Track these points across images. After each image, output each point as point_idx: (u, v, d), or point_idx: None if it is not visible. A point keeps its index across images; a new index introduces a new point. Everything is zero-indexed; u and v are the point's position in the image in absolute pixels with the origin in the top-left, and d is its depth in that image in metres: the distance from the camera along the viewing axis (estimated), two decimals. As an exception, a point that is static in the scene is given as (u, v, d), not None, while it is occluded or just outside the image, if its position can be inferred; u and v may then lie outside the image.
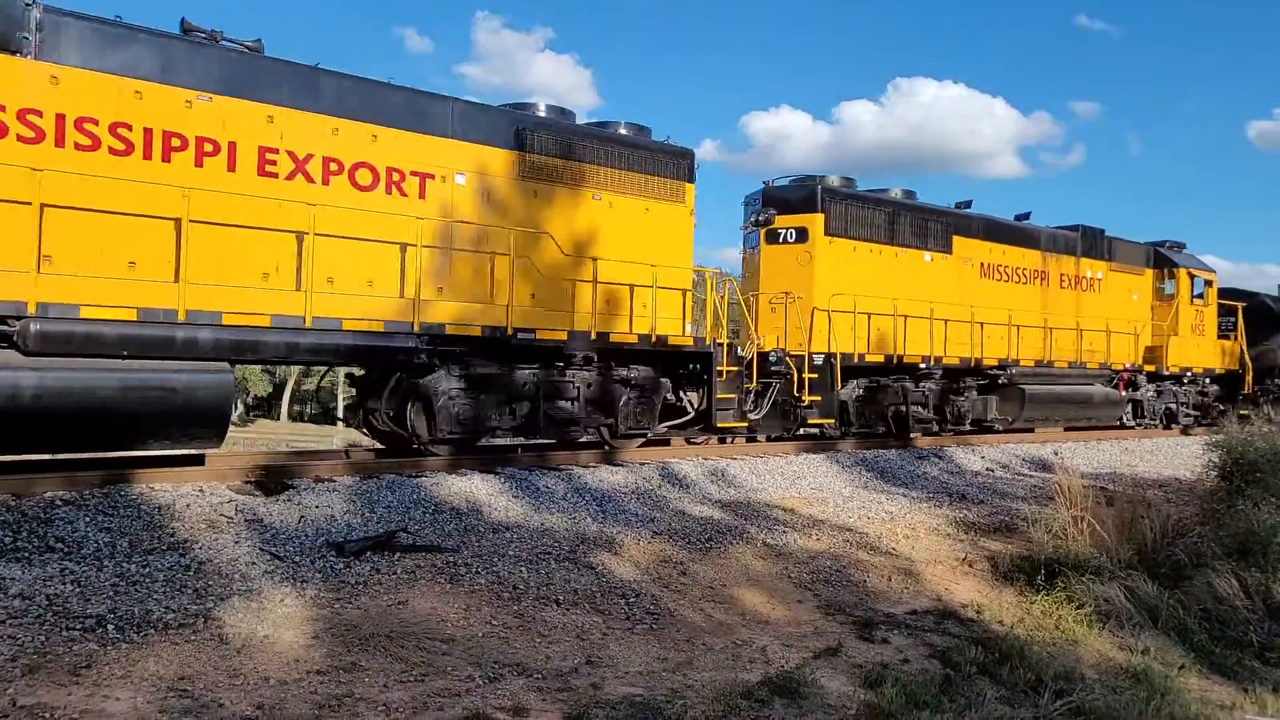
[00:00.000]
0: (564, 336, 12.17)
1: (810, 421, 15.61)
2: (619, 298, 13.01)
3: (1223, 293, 25.55)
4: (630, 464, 12.41)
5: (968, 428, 18.14)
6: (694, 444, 14.39)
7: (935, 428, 17.57)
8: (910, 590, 9.56)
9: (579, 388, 12.30)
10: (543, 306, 12.16)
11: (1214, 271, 24.47)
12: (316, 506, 9.16)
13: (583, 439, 13.06)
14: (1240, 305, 25.23)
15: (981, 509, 12.78)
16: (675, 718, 5.95)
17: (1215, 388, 24.07)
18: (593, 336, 12.38)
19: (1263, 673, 9.24)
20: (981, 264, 18.84)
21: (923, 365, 16.91)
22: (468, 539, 8.92)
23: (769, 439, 15.52)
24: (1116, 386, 21.26)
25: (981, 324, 18.16)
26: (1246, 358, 24.66)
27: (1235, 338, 24.70)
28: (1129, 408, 22.03)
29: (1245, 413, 23.25)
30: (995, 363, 18.29)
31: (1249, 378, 24.74)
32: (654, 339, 12.98)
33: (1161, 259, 23.27)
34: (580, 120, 13.54)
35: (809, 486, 12.68)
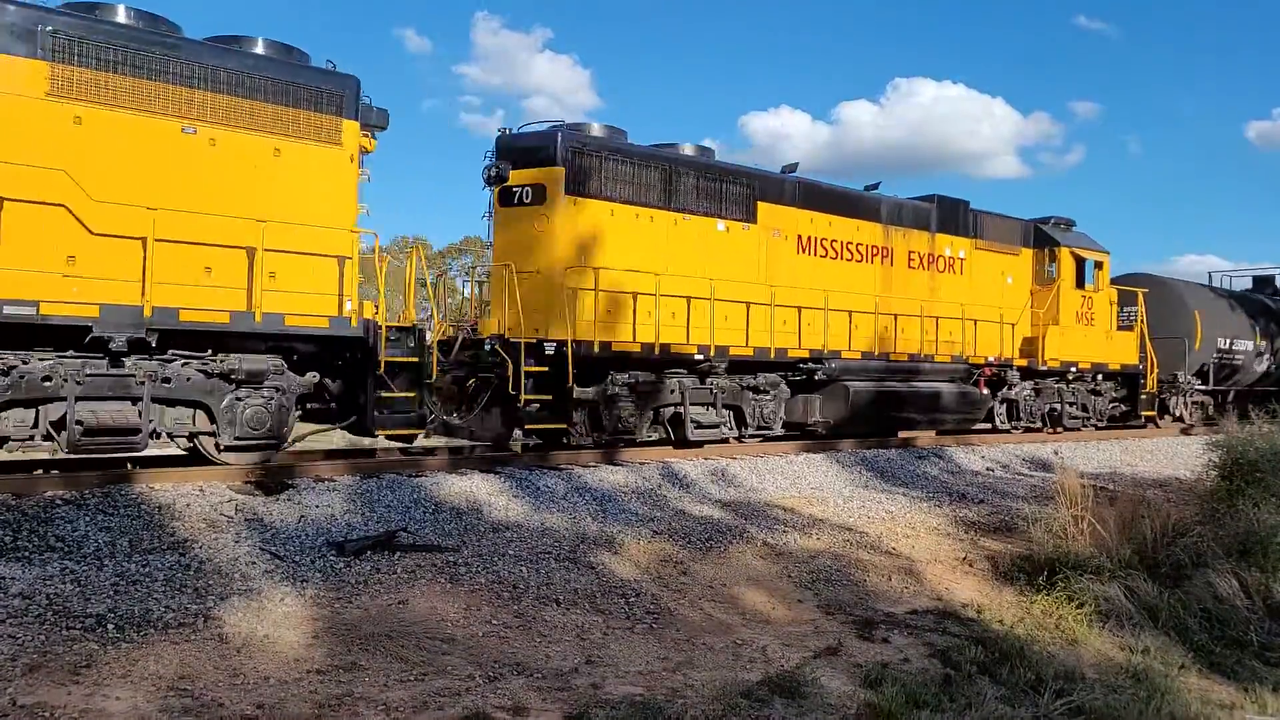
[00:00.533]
0: (94, 313, 9.13)
1: (529, 427, 12.67)
2: (222, 264, 9.93)
3: (1127, 278, 23.03)
4: (630, 464, 12.41)
5: (777, 432, 15.07)
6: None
7: (736, 432, 14.55)
8: (910, 590, 9.56)
9: (143, 383, 9.45)
10: (91, 274, 9.20)
11: (1106, 252, 20.99)
12: (316, 506, 9.16)
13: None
14: (1141, 292, 21.91)
15: (981, 508, 12.78)
16: (675, 717, 5.95)
17: (1109, 385, 21.01)
18: (147, 314, 9.33)
19: (1263, 672, 9.24)
20: (800, 237, 15.58)
21: (699, 357, 13.79)
22: (468, 538, 8.92)
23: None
24: (977, 384, 17.91)
25: (799, 308, 15.23)
26: (1151, 351, 21.54)
27: (1137, 329, 21.51)
28: (1004, 409, 19.04)
29: (1149, 414, 21.56)
30: (807, 354, 15.23)
31: (1153, 375, 21.64)
32: (258, 318, 9.94)
33: (1042, 237, 19.99)
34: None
35: (809, 486, 12.67)
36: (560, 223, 13.00)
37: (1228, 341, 24.13)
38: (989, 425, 18.90)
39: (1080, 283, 20.14)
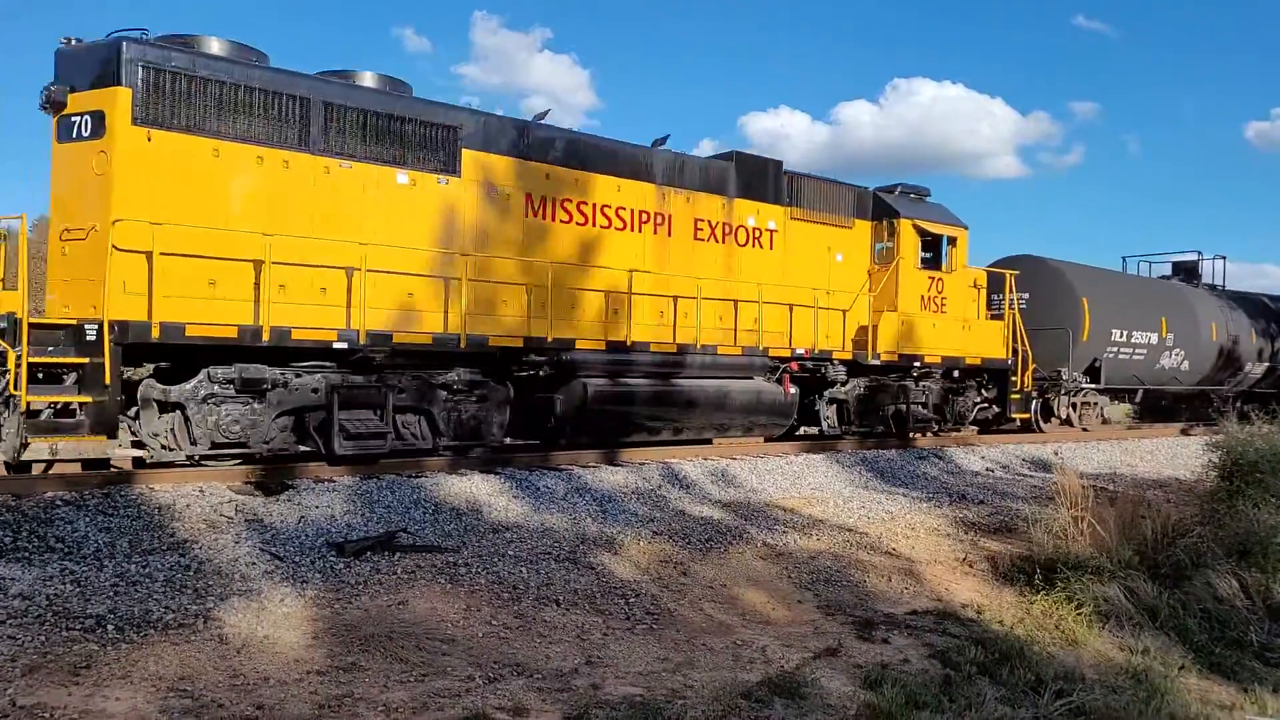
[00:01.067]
0: None
1: (36, 441, 8.92)
2: None
3: (1009, 260, 20.23)
4: (631, 464, 12.41)
5: (493, 441, 12.01)
6: None
7: (429, 442, 11.43)
8: (910, 590, 9.57)
9: None
10: None
11: (964, 227, 17.45)
12: (316, 507, 9.16)
13: None
14: (1010, 273, 18.67)
15: (981, 509, 12.78)
16: (675, 718, 5.95)
17: (971, 382, 17.82)
18: None
19: (1263, 673, 9.25)
20: (530, 196, 12.45)
21: (341, 345, 10.57)
22: (468, 539, 8.92)
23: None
24: (781, 381, 14.60)
25: (528, 286, 12.16)
26: (1025, 343, 18.27)
27: (1006, 317, 18.28)
28: (832, 410, 15.80)
29: (1022, 416, 18.74)
30: (521, 343, 12.01)
31: (1028, 371, 18.34)
32: None
33: (882, 208, 16.57)
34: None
35: (809, 486, 12.68)
36: (124, 163, 9.71)
37: (1124, 334, 21.05)
38: (815, 430, 15.97)
39: (935, 262, 16.99)
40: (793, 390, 14.71)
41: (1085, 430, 20.61)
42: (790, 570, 9.46)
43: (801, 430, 16.25)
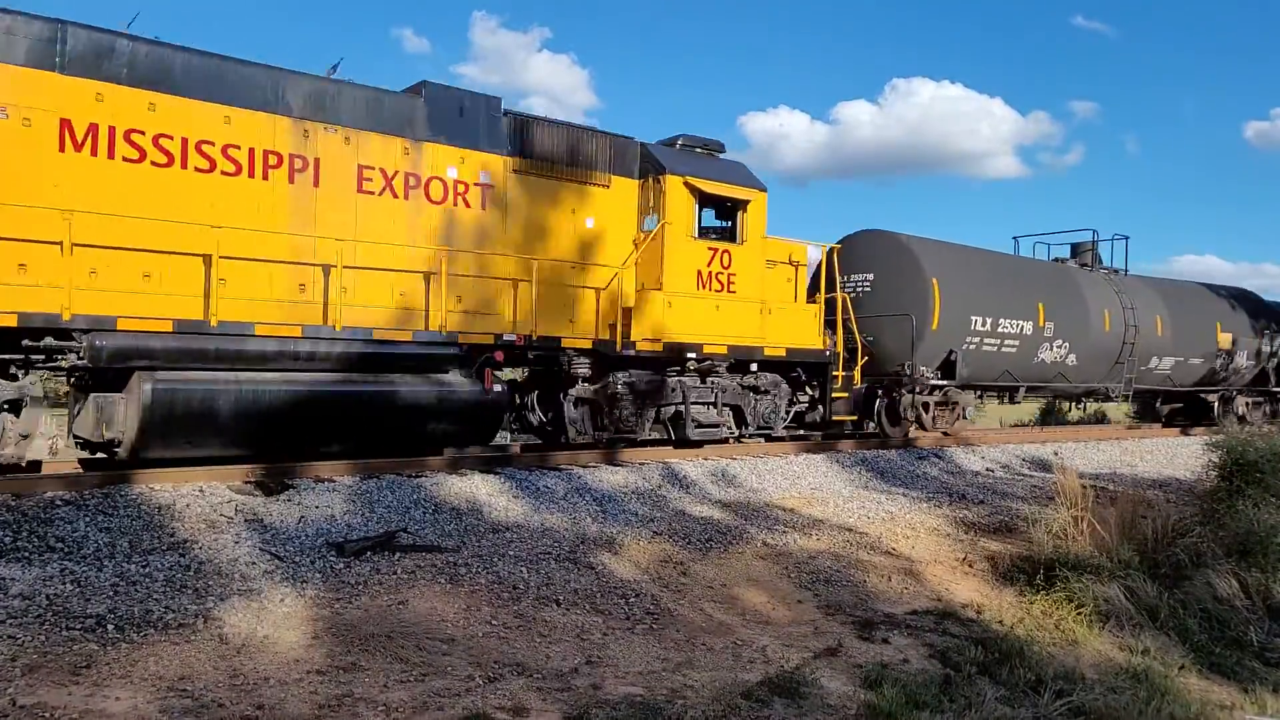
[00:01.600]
0: None
1: None
2: None
3: (856, 236, 17.30)
4: (631, 464, 12.41)
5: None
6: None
7: None
8: (910, 590, 9.57)
9: None
10: None
11: (760, 188, 14.29)
12: (316, 506, 9.17)
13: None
14: (828, 247, 15.64)
15: (981, 509, 12.79)
16: (675, 718, 5.96)
17: (774, 378, 14.71)
18: None
19: (1263, 673, 9.25)
20: (70, 124, 9.39)
21: None
22: (468, 539, 8.93)
23: None
24: (484, 378, 11.76)
25: (65, 246, 9.13)
26: (854, 334, 15.65)
27: (823, 301, 15.35)
28: (582, 413, 13.11)
29: (847, 419, 16.18)
30: (15, 321, 8.94)
31: (857, 368, 15.61)
32: None
33: (650, 163, 13.54)
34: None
35: (809, 486, 12.69)
36: None
37: (987, 322, 17.56)
38: (561, 440, 13.04)
39: (728, 233, 14.18)
40: (498, 388, 11.94)
41: (945, 434, 17.75)
42: (790, 570, 9.47)
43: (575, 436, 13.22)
